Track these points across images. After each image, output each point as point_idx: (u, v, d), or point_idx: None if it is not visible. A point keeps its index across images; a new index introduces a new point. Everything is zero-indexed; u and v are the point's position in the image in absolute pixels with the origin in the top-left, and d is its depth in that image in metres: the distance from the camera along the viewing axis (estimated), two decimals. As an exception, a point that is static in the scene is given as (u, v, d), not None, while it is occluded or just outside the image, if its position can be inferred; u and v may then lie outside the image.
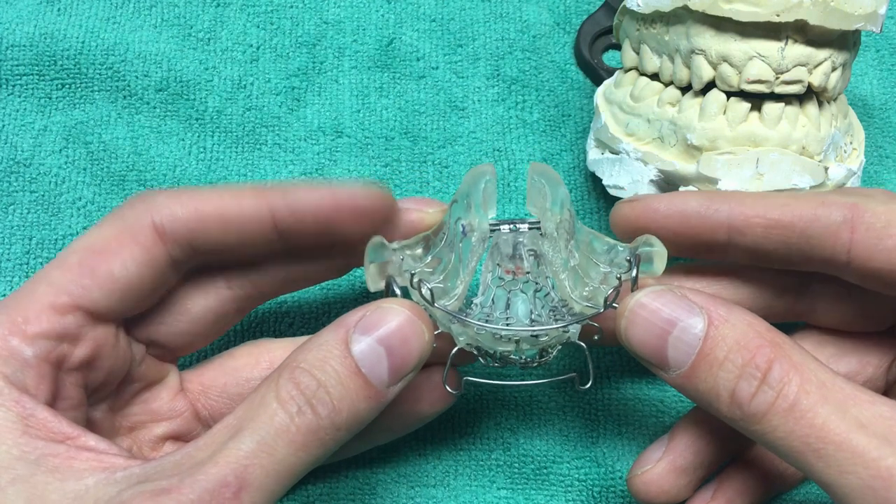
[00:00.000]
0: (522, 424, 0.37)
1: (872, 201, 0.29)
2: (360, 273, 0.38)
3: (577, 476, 0.36)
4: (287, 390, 0.26)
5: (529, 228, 0.32)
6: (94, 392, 0.29)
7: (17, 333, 0.27)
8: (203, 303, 0.32)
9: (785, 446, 0.26)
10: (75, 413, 0.28)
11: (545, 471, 0.37)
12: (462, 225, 0.31)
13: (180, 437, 0.32)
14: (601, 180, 0.39)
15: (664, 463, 0.32)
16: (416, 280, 0.29)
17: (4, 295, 0.38)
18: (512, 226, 0.32)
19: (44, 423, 0.26)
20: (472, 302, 0.32)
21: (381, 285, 0.29)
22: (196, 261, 0.30)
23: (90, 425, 0.29)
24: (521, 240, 0.32)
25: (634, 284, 0.29)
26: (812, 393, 0.26)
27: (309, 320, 0.39)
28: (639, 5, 0.36)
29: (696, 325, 0.27)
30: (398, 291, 0.29)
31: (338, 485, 0.36)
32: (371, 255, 0.29)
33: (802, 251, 0.30)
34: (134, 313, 0.30)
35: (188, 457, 0.25)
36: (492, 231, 0.32)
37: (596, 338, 0.32)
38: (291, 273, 0.32)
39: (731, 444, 0.33)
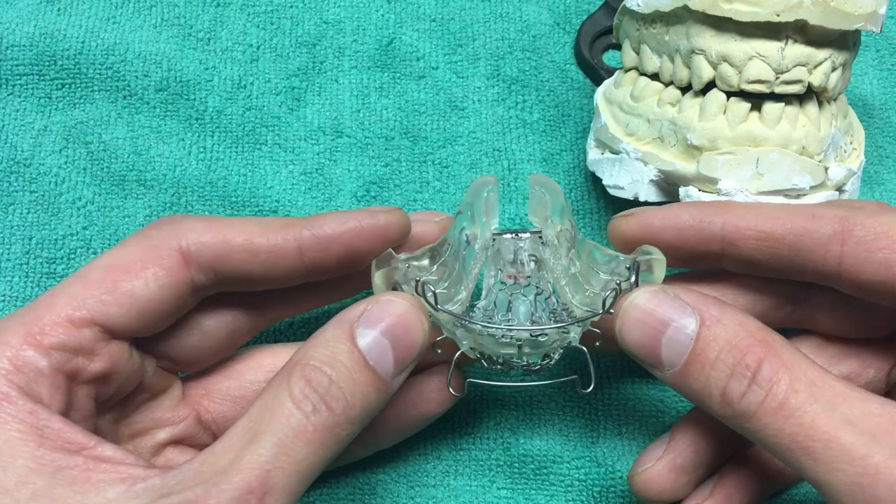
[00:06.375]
0: (522, 424, 0.37)
1: (862, 213, 0.29)
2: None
3: (577, 476, 0.36)
4: (300, 388, 0.26)
5: (531, 235, 0.33)
6: (103, 403, 0.29)
7: (33, 344, 0.27)
8: (217, 322, 0.32)
9: (775, 444, 0.26)
10: (85, 424, 0.28)
11: (545, 471, 0.36)
12: (466, 234, 0.32)
13: (182, 442, 0.32)
14: (601, 180, 0.39)
15: (664, 462, 0.32)
16: (420, 284, 0.30)
17: (4, 295, 0.38)
18: (514, 235, 0.33)
19: (59, 433, 0.26)
20: (475, 306, 0.32)
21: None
22: (216, 289, 0.31)
23: (96, 434, 0.29)
24: (521, 245, 0.33)
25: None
26: (801, 391, 0.26)
27: (309, 320, 0.39)
28: (639, 5, 0.36)
29: (689, 326, 0.27)
30: None
31: (338, 485, 0.36)
32: (377, 264, 0.30)
33: (794, 263, 0.30)
34: (149, 334, 0.30)
35: (208, 464, 0.25)
36: (494, 238, 0.33)
37: (598, 344, 0.32)
38: (307, 297, 0.33)
39: (731, 444, 0.33)
